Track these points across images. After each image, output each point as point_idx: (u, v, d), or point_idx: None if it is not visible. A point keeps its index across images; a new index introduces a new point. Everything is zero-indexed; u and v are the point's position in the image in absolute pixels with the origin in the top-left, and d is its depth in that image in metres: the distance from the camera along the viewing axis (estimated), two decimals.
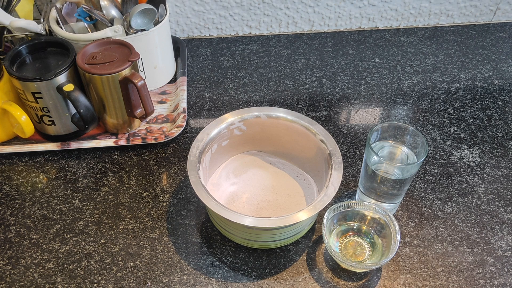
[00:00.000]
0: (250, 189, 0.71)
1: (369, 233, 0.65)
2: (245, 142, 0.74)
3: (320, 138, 0.67)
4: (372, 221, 0.65)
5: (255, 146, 0.75)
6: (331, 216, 0.64)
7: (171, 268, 0.64)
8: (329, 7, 1.01)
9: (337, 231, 0.66)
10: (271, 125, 0.71)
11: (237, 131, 0.71)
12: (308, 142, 0.69)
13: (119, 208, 0.71)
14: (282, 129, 0.71)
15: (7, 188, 0.74)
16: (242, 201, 0.69)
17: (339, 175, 0.62)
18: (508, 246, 0.66)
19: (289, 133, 0.71)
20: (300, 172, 0.73)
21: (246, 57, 0.98)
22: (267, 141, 0.74)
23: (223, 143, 0.71)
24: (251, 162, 0.75)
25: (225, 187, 0.71)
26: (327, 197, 0.60)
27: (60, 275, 0.63)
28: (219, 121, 0.69)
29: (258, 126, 0.71)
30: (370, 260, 0.63)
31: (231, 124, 0.69)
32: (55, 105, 0.75)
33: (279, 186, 0.72)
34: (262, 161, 0.75)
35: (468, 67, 0.95)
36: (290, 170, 0.74)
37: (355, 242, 0.65)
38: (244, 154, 0.76)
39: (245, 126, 0.71)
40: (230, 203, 0.69)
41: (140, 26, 0.82)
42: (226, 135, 0.70)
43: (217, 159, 0.72)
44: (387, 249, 0.62)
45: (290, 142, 0.72)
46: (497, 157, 0.78)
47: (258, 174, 0.73)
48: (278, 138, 0.73)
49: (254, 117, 0.70)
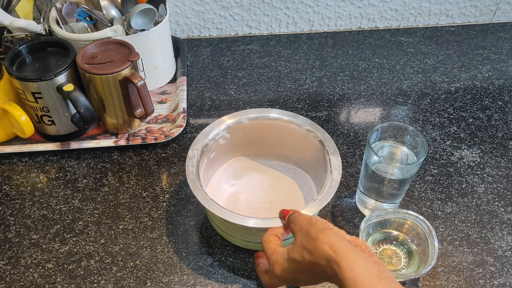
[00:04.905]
0: (248, 193, 0.70)
1: (406, 242, 0.65)
2: (232, 149, 0.73)
3: (307, 128, 0.66)
4: (408, 229, 0.64)
5: (243, 151, 0.74)
6: (367, 226, 0.64)
7: (171, 268, 0.64)
8: (329, 7, 1.01)
9: (372, 239, 0.65)
10: (255, 127, 0.70)
11: (222, 140, 0.69)
12: (296, 136, 0.68)
13: (119, 208, 0.71)
14: (268, 129, 0.70)
15: (7, 188, 0.74)
16: (242, 204, 0.69)
17: (338, 158, 0.62)
18: (508, 246, 0.66)
19: (276, 132, 0.70)
20: (295, 169, 0.73)
21: (246, 57, 0.98)
22: (254, 145, 0.73)
23: (211, 155, 0.69)
24: (243, 167, 0.74)
25: (222, 192, 0.71)
26: (335, 182, 0.60)
27: (60, 275, 0.63)
28: (204, 134, 0.67)
29: (241, 131, 0.70)
30: (407, 270, 0.62)
31: (216, 135, 0.68)
32: (55, 105, 0.75)
33: (276, 186, 0.71)
34: (254, 164, 0.74)
35: (468, 67, 0.95)
36: (284, 169, 0.74)
37: (392, 251, 0.65)
38: (235, 160, 0.75)
39: (228, 134, 0.69)
40: (231, 207, 0.68)
41: (140, 26, 0.82)
42: (213, 147, 0.69)
43: (208, 170, 0.71)
44: (424, 258, 0.61)
45: (279, 141, 0.71)
46: (497, 157, 0.78)
47: (253, 178, 0.73)
48: (266, 139, 0.72)
49: (237, 123, 0.69)
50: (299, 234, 0.50)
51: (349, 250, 0.45)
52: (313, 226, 0.49)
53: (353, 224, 0.69)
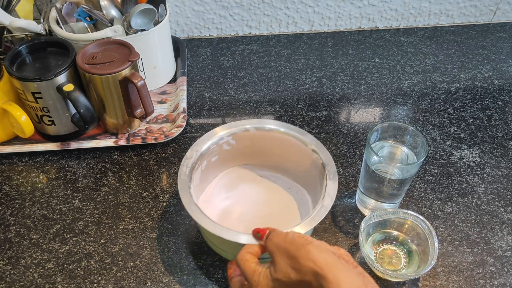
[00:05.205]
0: (243, 205, 0.69)
1: (406, 242, 0.65)
2: (235, 157, 0.72)
3: (312, 148, 0.65)
4: (408, 229, 0.64)
5: (246, 160, 0.74)
6: (367, 226, 0.63)
7: (171, 268, 0.64)
8: (329, 7, 1.01)
9: (372, 239, 0.65)
10: (261, 137, 0.69)
11: (226, 146, 0.69)
12: (300, 153, 0.67)
13: (119, 208, 0.71)
14: (273, 141, 0.69)
15: (7, 188, 0.74)
16: (234, 217, 0.68)
17: (335, 184, 0.61)
18: (508, 246, 0.66)
19: (281, 145, 0.69)
20: (293, 184, 0.72)
21: (246, 57, 0.98)
22: (257, 155, 0.72)
23: (213, 159, 0.69)
24: (242, 176, 0.73)
25: (216, 202, 0.69)
26: (324, 208, 0.58)
27: (60, 275, 0.63)
28: (208, 136, 0.67)
29: (248, 139, 0.69)
30: (407, 270, 0.62)
31: (220, 139, 0.67)
32: (55, 105, 0.75)
33: (272, 200, 0.70)
34: (253, 175, 0.73)
35: (468, 67, 0.95)
36: (282, 182, 0.72)
37: (392, 251, 0.64)
38: (235, 169, 0.74)
39: (234, 140, 0.69)
40: (222, 219, 0.67)
41: (140, 26, 0.82)
42: (215, 151, 0.68)
43: (207, 175, 0.70)
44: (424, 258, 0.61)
45: (282, 155, 0.70)
46: (497, 157, 0.78)
47: (250, 189, 0.71)
48: (270, 151, 0.71)
49: (243, 131, 0.68)
50: (277, 254, 0.49)
51: (333, 263, 0.45)
52: (291, 244, 0.48)
53: (353, 224, 0.69)
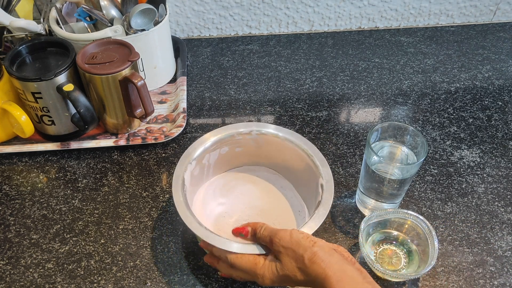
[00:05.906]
0: (238, 210, 0.68)
1: (405, 242, 0.65)
2: (230, 159, 0.71)
3: (315, 162, 0.64)
4: (408, 229, 0.64)
5: (242, 161, 0.73)
6: (367, 226, 0.63)
7: (171, 268, 0.64)
8: (329, 7, 1.01)
9: (372, 239, 0.65)
10: (264, 142, 0.69)
11: (219, 152, 0.69)
12: (301, 163, 0.67)
13: (119, 208, 0.71)
14: (274, 146, 0.69)
15: (7, 188, 0.74)
16: (229, 223, 0.67)
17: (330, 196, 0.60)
18: (508, 246, 0.66)
19: (282, 150, 0.68)
20: (288, 186, 0.71)
21: (246, 57, 0.98)
22: (256, 157, 0.72)
23: (211, 161, 0.69)
24: (237, 179, 0.72)
25: (212, 206, 0.68)
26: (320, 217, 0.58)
27: (60, 275, 0.63)
28: (200, 142, 0.66)
29: (253, 141, 0.69)
30: (407, 270, 0.62)
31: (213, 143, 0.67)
32: (55, 105, 0.75)
33: (267, 206, 0.69)
34: (249, 176, 0.72)
35: (468, 67, 0.95)
36: (277, 184, 0.71)
37: (392, 251, 0.64)
38: (230, 172, 0.73)
39: (227, 147, 0.68)
40: (218, 224, 0.66)
41: (140, 26, 0.82)
42: (215, 153, 0.68)
43: (201, 178, 0.70)
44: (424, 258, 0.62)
45: (281, 159, 0.70)
46: (497, 157, 0.78)
47: (245, 192, 0.70)
48: (268, 155, 0.70)
49: (244, 134, 0.68)
50: (284, 254, 0.52)
51: (338, 266, 0.49)
52: (299, 246, 0.51)
53: (353, 224, 0.69)
